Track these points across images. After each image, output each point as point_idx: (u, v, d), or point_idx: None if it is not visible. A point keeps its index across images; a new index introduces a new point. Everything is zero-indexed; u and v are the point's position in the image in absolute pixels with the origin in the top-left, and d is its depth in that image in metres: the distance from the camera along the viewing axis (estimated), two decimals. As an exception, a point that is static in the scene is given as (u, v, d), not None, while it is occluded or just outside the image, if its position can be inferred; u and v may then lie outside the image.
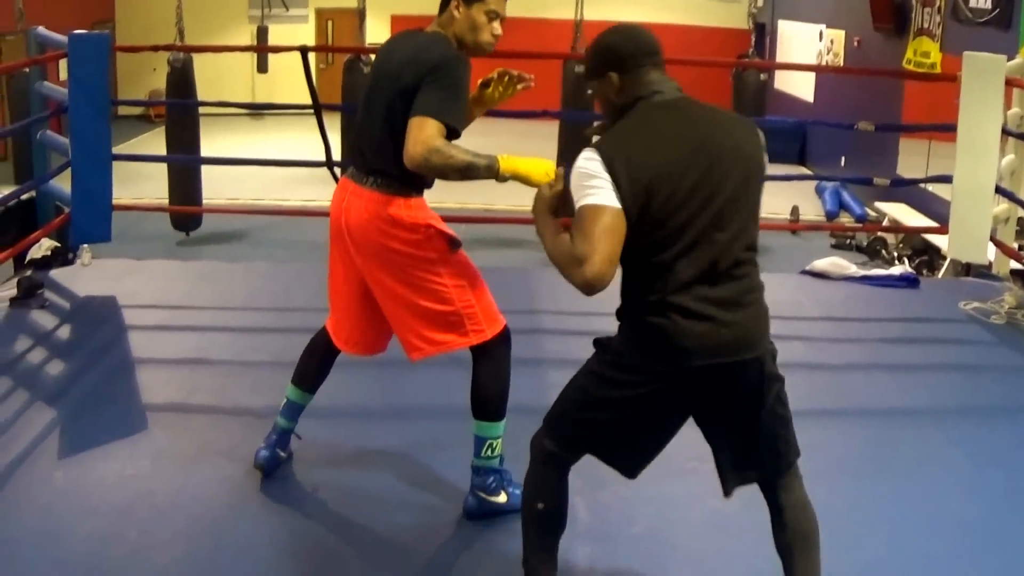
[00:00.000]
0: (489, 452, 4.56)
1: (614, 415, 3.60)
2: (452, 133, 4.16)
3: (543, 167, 4.21)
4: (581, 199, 3.35)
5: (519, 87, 4.62)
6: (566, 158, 11.60)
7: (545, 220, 3.59)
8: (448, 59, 4.21)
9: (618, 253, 3.32)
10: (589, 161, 3.36)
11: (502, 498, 4.61)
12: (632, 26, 3.66)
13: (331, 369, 4.90)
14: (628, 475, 3.76)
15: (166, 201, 12.16)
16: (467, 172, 4.15)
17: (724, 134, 3.48)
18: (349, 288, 4.59)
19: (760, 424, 3.60)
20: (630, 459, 3.72)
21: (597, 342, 3.70)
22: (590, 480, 4.32)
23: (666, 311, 3.38)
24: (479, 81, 4.62)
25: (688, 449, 3.85)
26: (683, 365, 3.42)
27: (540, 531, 3.83)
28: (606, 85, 3.57)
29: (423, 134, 4.05)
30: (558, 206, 3.62)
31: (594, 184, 3.33)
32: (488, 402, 4.52)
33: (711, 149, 3.41)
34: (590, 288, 3.30)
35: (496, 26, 4.40)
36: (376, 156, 4.33)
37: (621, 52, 3.54)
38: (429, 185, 4.44)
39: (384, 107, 4.27)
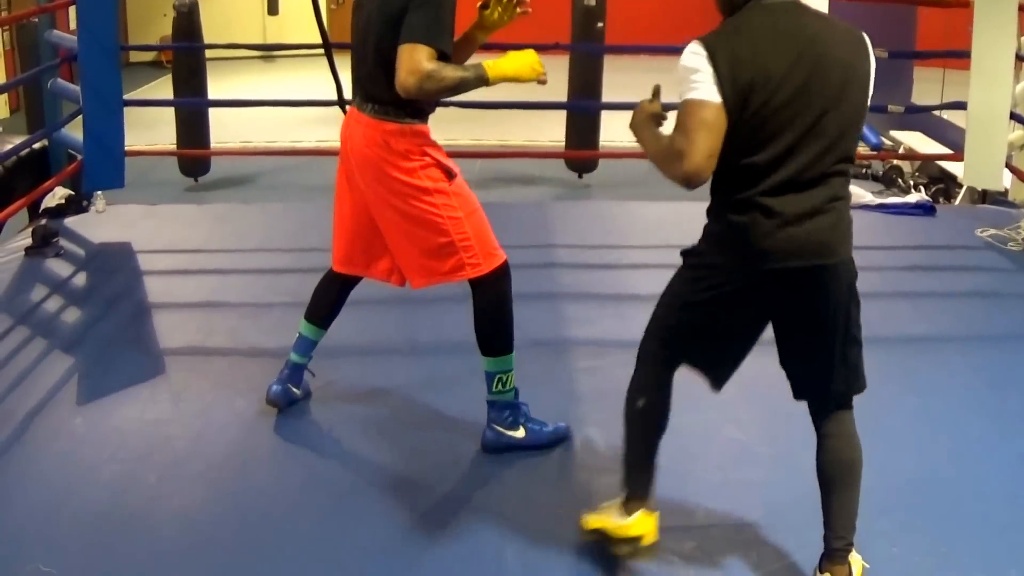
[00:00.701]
0: (500, 387, 4.57)
1: (700, 316, 3.68)
2: (442, 56, 4.15)
3: (528, 62, 4.28)
4: (684, 93, 3.37)
5: (518, 11, 4.60)
6: (576, 91, 11.51)
7: (644, 126, 3.58)
8: None
9: (718, 148, 3.33)
10: (694, 55, 3.38)
11: (520, 432, 4.62)
12: None
13: (344, 305, 4.91)
14: (715, 386, 3.85)
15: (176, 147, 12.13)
16: (460, 88, 4.18)
17: (831, 43, 3.46)
18: (356, 213, 4.61)
19: (834, 343, 3.65)
20: (717, 365, 3.81)
21: (684, 251, 3.72)
22: (612, 413, 4.31)
23: (750, 210, 3.43)
24: (478, 4, 4.60)
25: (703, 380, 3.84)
26: (761, 265, 3.48)
27: (639, 428, 3.88)
28: None
29: (413, 62, 4.06)
30: (659, 119, 3.61)
31: (696, 79, 3.35)
32: (490, 338, 4.53)
33: (816, 56, 3.40)
34: (688, 182, 3.33)
35: None
36: (372, 84, 4.35)
37: None
38: (430, 110, 4.45)
39: (377, 35, 4.27)
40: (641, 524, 3.85)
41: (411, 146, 4.34)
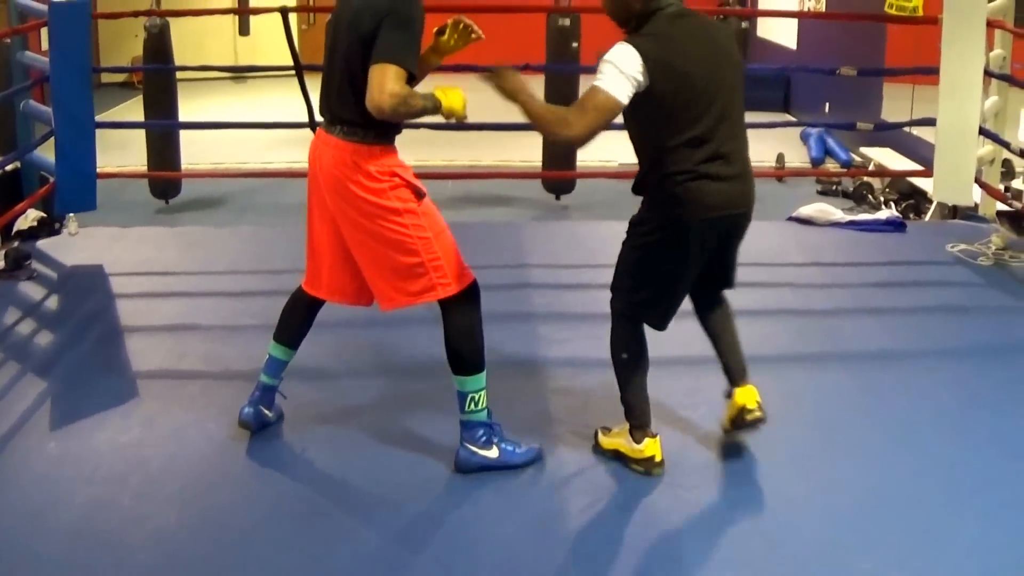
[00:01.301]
0: (473, 406, 4.58)
1: (664, 273, 4.50)
2: (410, 78, 4.23)
3: (459, 99, 4.44)
4: (596, 79, 4.19)
5: (472, 37, 4.72)
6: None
7: (522, 89, 4.32)
8: (402, 2, 4.27)
9: (598, 131, 4.23)
10: (625, 55, 4.18)
11: (493, 452, 4.62)
12: None
13: (312, 325, 4.93)
14: (660, 327, 4.67)
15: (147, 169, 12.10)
16: (421, 114, 4.40)
17: (723, 40, 4.50)
18: (325, 236, 4.63)
19: (735, 252, 4.73)
20: (667, 311, 4.63)
21: (634, 221, 4.56)
22: (585, 433, 4.33)
23: (699, 178, 4.30)
24: (435, 30, 4.70)
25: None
26: (709, 216, 4.38)
27: (629, 374, 4.65)
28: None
29: (387, 83, 4.13)
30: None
31: (612, 73, 4.17)
32: (462, 357, 4.55)
33: (717, 52, 4.38)
34: (568, 144, 4.47)
35: None
36: (341, 105, 4.40)
37: None
38: (397, 131, 4.51)
39: (346, 56, 4.34)
40: (651, 446, 4.62)
41: (380, 167, 4.37)
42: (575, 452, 4.77)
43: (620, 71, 4.16)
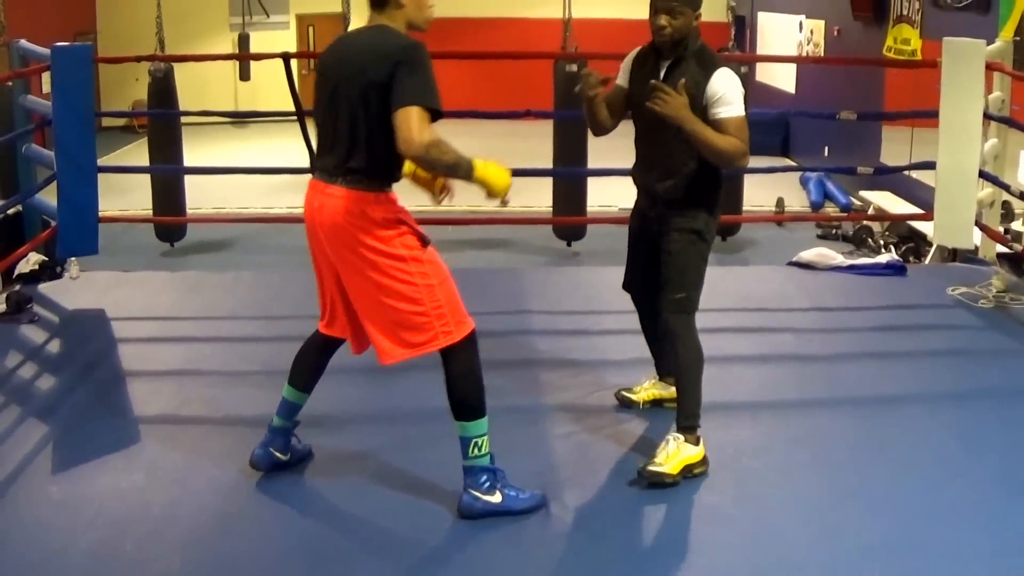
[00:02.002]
0: (476, 451, 4.56)
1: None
2: (435, 115, 4.22)
3: (506, 180, 4.42)
4: (731, 108, 4.79)
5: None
6: (561, 158, 11.56)
7: (695, 120, 4.75)
8: (410, 47, 4.28)
9: None
10: (737, 80, 4.83)
11: (497, 498, 4.60)
12: None
13: (325, 369, 4.91)
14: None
15: (151, 212, 12.15)
16: (451, 170, 4.33)
17: None
18: (331, 280, 4.64)
19: None
20: None
21: (692, 231, 4.99)
22: (588, 479, 4.32)
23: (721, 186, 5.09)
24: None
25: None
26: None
27: (699, 375, 4.97)
28: (695, 17, 4.85)
29: (417, 124, 4.14)
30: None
31: (739, 97, 4.79)
32: (464, 402, 4.54)
33: None
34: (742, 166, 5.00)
35: None
36: (345, 155, 4.39)
37: None
38: (397, 179, 4.51)
39: (351, 105, 4.34)
40: (703, 447, 4.94)
41: (387, 214, 4.38)
42: (578, 498, 4.76)
43: (742, 93, 4.84)
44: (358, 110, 4.31)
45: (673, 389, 5.35)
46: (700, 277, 5.04)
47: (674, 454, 4.83)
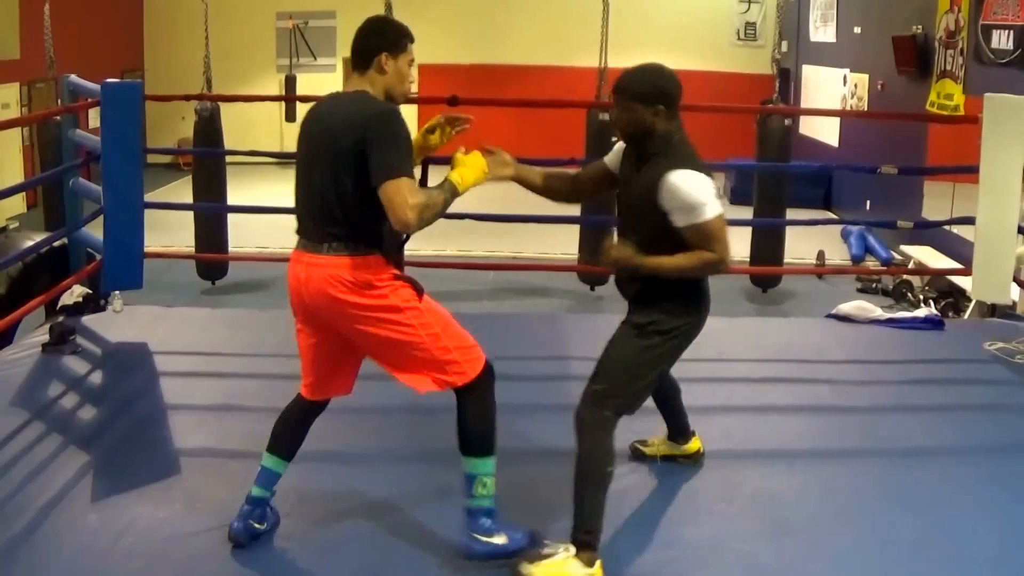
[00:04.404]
0: (482, 489, 4.56)
1: (662, 365, 4.74)
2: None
3: (482, 166, 4.56)
4: (705, 214, 4.41)
5: (458, 129, 4.88)
6: (588, 205, 11.63)
7: (651, 260, 4.52)
8: (386, 115, 4.35)
9: None
10: (704, 180, 4.44)
11: (502, 539, 4.59)
12: (670, 70, 4.66)
13: (306, 436, 4.91)
14: (632, 412, 4.69)
15: (194, 249, 12.25)
16: (447, 205, 4.44)
17: None
18: (317, 342, 4.69)
19: None
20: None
21: (635, 325, 4.68)
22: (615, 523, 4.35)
23: (703, 285, 4.72)
24: (423, 128, 4.83)
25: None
26: (706, 315, 4.73)
27: (604, 488, 4.49)
28: (651, 113, 4.51)
29: (402, 198, 4.22)
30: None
31: (712, 198, 4.43)
32: (475, 438, 4.55)
33: None
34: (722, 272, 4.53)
35: (412, 72, 4.62)
36: (327, 221, 4.42)
37: (673, 93, 4.57)
38: (380, 244, 4.49)
39: (327, 171, 4.38)
40: (600, 572, 4.41)
41: (379, 273, 4.42)
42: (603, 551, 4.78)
43: (710, 190, 4.45)
44: (336, 175, 4.35)
45: (685, 447, 5.42)
46: (634, 376, 4.62)
47: (555, 567, 4.41)
